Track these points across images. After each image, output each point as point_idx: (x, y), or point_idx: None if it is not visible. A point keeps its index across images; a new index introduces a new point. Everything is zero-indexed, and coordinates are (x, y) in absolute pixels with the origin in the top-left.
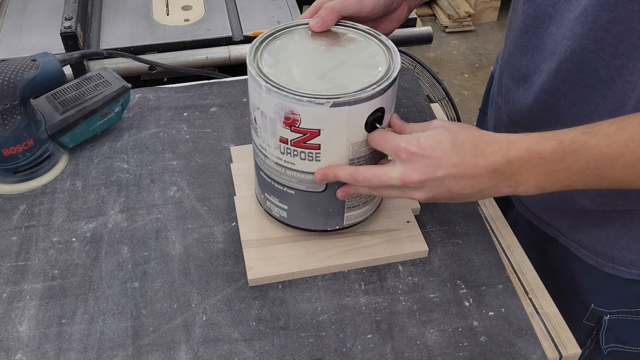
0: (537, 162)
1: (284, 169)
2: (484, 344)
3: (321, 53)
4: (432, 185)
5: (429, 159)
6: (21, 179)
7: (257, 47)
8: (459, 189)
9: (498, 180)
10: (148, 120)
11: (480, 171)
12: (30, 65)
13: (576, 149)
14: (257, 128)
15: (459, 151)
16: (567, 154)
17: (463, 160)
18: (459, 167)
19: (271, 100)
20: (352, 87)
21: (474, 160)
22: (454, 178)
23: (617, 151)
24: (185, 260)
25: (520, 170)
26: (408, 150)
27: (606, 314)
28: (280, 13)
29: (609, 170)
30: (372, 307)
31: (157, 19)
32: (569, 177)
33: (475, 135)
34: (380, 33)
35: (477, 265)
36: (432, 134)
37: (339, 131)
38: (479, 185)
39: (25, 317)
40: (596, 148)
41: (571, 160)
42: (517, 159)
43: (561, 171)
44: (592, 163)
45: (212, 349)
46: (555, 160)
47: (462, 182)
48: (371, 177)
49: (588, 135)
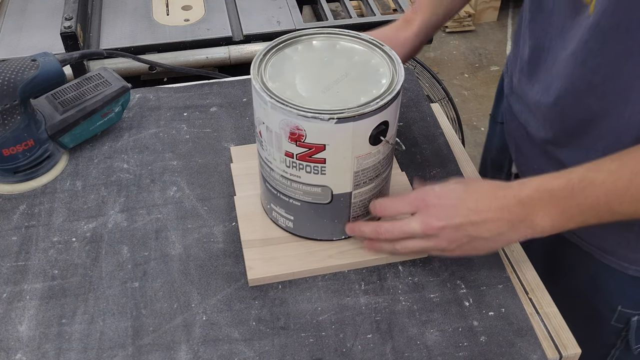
0: (548, 200)
1: (289, 181)
2: (484, 344)
3: (325, 65)
4: (451, 231)
5: (445, 206)
6: (21, 179)
7: (261, 60)
8: (478, 233)
9: (514, 222)
10: (148, 120)
11: (494, 214)
12: (30, 65)
13: (585, 186)
14: (263, 141)
15: (472, 197)
16: (577, 191)
17: (477, 205)
18: (474, 212)
19: (276, 116)
20: (356, 101)
21: (487, 204)
22: (471, 223)
23: (623, 186)
24: (185, 260)
25: (533, 210)
26: (425, 199)
27: (634, 315)
28: (280, 13)
29: (619, 205)
30: (372, 307)
31: (157, 19)
32: (581, 213)
33: (486, 183)
34: (383, 43)
35: (477, 265)
36: (445, 184)
37: (344, 145)
38: (497, 229)
39: (25, 317)
40: (604, 185)
41: (581, 198)
42: (528, 199)
43: (573, 208)
44: (602, 199)
45: (212, 349)
46: (565, 198)
47: (480, 227)
48: (392, 228)
49: (594, 173)
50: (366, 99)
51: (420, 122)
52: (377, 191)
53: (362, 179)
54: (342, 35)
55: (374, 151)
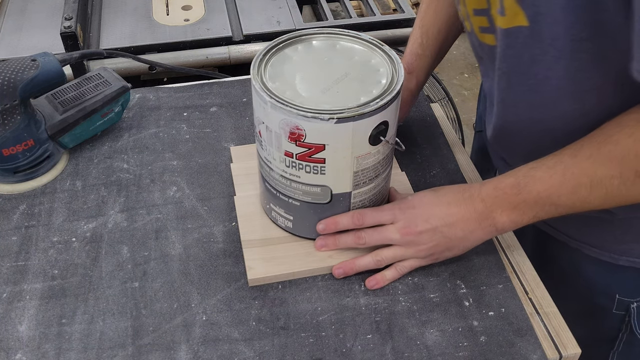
0: (502, 197)
1: (289, 181)
2: (484, 344)
3: (325, 65)
4: (429, 235)
5: (419, 210)
6: (21, 179)
7: (261, 60)
8: (452, 233)
9: (481, 219)
10: (148, 120)
11: (464, 214)
12: (30, 65)
13: (527, 182)
14: (262, 141)
15: (443, 201)
16: (522, 187)
17: (449, 208)
18: (447, 214)
19: (276, 115)
20: (356, 101)
21: (456, 206)
22: (446, 225)
23: (559, 179)
24: (185, 260)
25: (493, 207)
26: (400, 207)
27: (632, 303)
28: (280, 13)
29: (557, 197)
30: (372, 307)
31: (157, 19)
32: (530, 208)
33: (453, 187)
34: (383, 43)
35: (477, 265)
36: (416, 193)
37: (344, 145)
38: (468, 227)
39: (25, 317)
40: (542, 179)
41: (525, 193)
42: (487, 197)
43: (521, 203)
44: (542, 193)
45: (212, 349)
46: (514, 194)
47: (453, 228)
48: (372, 233)
49: (535, 170)
50: (366, 99)
51: (420, 122)
52: (377, 191)
53: (361, 179)
54: (342, 35)
55: (374, 151)
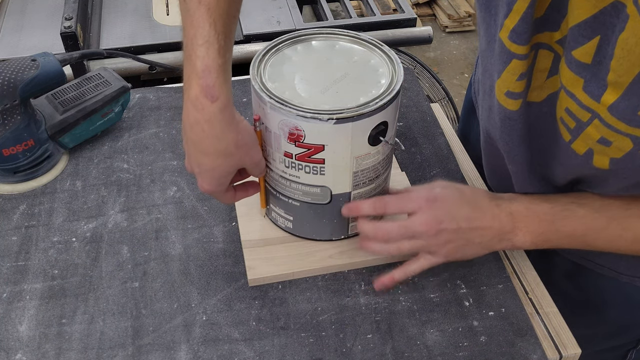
0: (533, 220)
1: (288, 181)
2: (484, 344)
3: (324, 65)
4: (450, 234)
5: (447, 208)
6: (21, 179)
7: (260, 60)
8: (472, 238)
9: (502, 233)
10: (148, 120)
11: (488, 222)
12: (30, 65)
13: (566, 215)
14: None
15: (470, 203)
16: (558, 218)
17: (474, 211)
18: (473, 218)
19: (275, 116)
20: (355, 101)
21: (482, 212)
22: (469, 228)
23: (601, 225)
24: (185, 260)
25: (519, 225)
26: (428, 198)
27: None
28: (280, 13)
29: (593, 240)
30: (372, 307)
31: (157, 19)
32: (558, 239)
33: (479, 190)
34: (383, 43)
35: (477, 265)
36: (444, 187)
37: (343, 146)
38: (487, 235)
39: (25, 317)
40: (583, 219)
41: (560, 225)
42: (517, 213)
43: (552, 232)
44: (579, 231)
45: (212, 348)
46: (548, 221)
47: (474, 233)
48: (392, 227)
49: (577, 205)
50: (365, 99)
51: (420, 122)
52: (377, 192)
53: (361, 179)
54: (342, 36)
55: (373, 152)
